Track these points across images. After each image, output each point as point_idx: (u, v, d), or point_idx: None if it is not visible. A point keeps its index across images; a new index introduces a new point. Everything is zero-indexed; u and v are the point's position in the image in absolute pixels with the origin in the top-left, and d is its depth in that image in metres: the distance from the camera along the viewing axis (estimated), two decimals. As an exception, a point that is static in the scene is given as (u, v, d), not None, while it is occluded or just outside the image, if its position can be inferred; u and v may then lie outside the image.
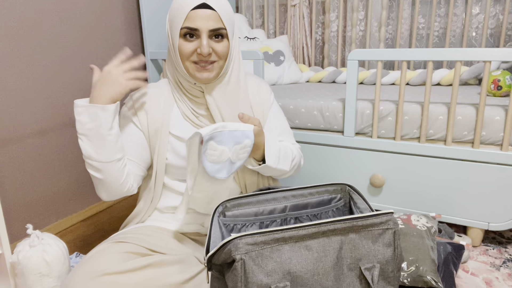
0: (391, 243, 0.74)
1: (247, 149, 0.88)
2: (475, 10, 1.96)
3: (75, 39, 1.61)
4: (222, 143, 0.84)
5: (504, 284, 1.19)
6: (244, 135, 0.87)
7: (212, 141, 0.83)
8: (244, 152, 0.88)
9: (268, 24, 2.46)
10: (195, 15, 0.91)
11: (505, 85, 1.49)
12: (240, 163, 0.88)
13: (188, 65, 0.96)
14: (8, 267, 1.07)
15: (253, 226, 0.87)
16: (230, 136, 0.85)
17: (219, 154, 0.84)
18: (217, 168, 0.85)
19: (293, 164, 1.08)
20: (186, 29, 0.92)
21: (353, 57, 1.41)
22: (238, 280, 0.66)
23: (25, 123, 1.45)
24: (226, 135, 0.84)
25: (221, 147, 0.84)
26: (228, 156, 0.86)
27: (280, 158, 1.01)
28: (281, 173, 1.05)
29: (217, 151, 0.84)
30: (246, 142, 0.87)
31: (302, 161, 1.16)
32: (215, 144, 0.83)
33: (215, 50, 0.94)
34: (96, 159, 0.92)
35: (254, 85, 1.10)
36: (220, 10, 0.93)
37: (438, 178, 1.40)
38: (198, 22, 0.91)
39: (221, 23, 0.93)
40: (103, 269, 0.80)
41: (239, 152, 0.87)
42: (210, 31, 0.92)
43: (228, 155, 0.86)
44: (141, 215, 1.05)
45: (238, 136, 0.86)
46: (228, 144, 0.85)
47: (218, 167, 0.85)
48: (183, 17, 0.92)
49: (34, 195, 1.51)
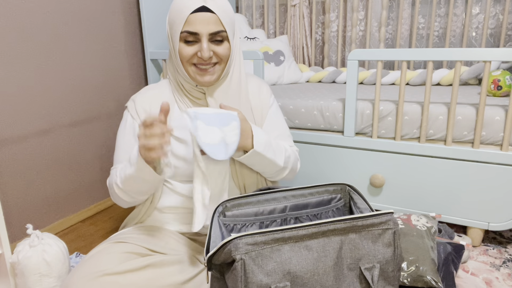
0: (391, 243, 0.74)
1: (236, 131, 0.88)
2: (475, 10, 1.96)
3: (75, 39, 1.61)
4: (210, 124, 0.85)
5: (504, 284, 1.19)
6: (230, 116, 0.87)
7: (200, 121, 0.84)
8: (234, 135, 0.88)
9: (268, 24, 2.46)
10: (195, 18, 0.90)
11: (505, 85, 1.49)
12: (234, 145, 0.87)
13: (189, 68, 0.95)
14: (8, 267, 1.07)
15: (253, 226, 0.87)
16: (217, 118, 0.86)
17: (211, 134, 0.85)
18: (214, 150, 0.85)
19: (288, 161, 1.05)
20: (186, 33, 0.91)
21: (353, 57, 1.41)
22: (238, 280, 0.66)
23: (25, 123, 1.45)
24: (212, 117, 0.85)
25: (210, 127, 0.85)
26: (221, 136, 0.86)
27: (270, 148, 0.99)
28: (274, 167, 1.01)
29: (208, 131, 0.84)
30: (233, 124, 0.87)
31: (299, 164, 1.14)
32: (204, 125, 0.84)
33: (216, 53, 0.94)
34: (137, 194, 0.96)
35: (254, 86, 1.10)
36: (220, 12, 0.92)
37: (438, 178, 1.40)
38: (198, 26, 0.90)
39: (221, 26, 0.92)
40: (103, 269, 0.80)
41: (230, 133, 0.87)
42: (210, 34, 0.91)
43: (220, 134, 0.86)
44: (141, 215, 1.05)
45: (224, 118, 0.87)
46: (216, 124, 0.86)
47: (215, 148, 0.85)
48: (182, 21, 0.91)
49: (34, 195, 1.51)
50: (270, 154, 0.98)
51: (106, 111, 1.79)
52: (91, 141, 1.73)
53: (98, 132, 1.76)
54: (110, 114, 1.82)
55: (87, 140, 1.71)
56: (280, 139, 1.11)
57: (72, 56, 1.61)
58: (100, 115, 1.76)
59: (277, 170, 1.03)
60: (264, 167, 1.01)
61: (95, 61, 1.71)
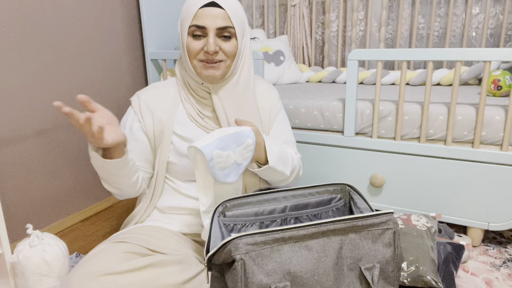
0: (391, 243, 0.74)
1: (250, 148, 0.89)
2: (475, 10, 1.96)
3: (75, 39, 1.61)
4: (226, 148, 0.85)
5: (504, 284, 1.19)
6: (244, 134, 0.88)
7: (217, 150, 0.84)
8: (248, 151, 0.90)
9: (268, 24, 2.46)
10: (204, 13, 0.91)
11: (505, 85, 1.49)
12: (246, 162, 0.90)
13: (196, 63, 0.96)
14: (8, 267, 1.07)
15: (253, 226, 0.87)
16: (231, 138, 0.86)
17: (226, 160, 0.86)
18: (225, 173, 0.87)
19: (293, 170, 1.07)
20: (194, 27, 0.92)
21: (353, 57, 1.41)
22: (238, 280, 0.66)
23: (25, 123, 1.45)
24: (227, 139, 0.85)
25: (225, 152, 0.85)
26: (234, 159, 0.87)
27: (281, 160, 1.01)
28: (282, 177, 1.04)
29: (223, 157, 0.85)
30: (248, 141, 0.89)
31: (301, 171, 1.16)
32: (219, 152, 0.84)
33: (223, 49, 0.94)
34: (114, 184, 0.96)
35: (262, 89, 1.10)
36: (228, 9, 0.93)
37: (438, 178, 1.40)
38: (206, 20, 0.91)
39: (229, 22, 0.93)
40: (103, 269, 0.80)
41: (243, 152, 0.89)
42: (217, 29, 0.92)
43: (234, 158, 0.87)
44: (140, 215, 1.05)
45: (239, 137, 0.87)
46: (231, 147, 0.86)
47: (226, 172, 0.87)
48: (191, 16, 0.92)
49: (34, 195, 1.51)
50: (281, 167, 1.00)
51: (106, 111, 1.79)
52: (91, 141, 1.73)
53: (98, 132, 1.76)
54: (110, 114, 1.82)
55: (87, 139, 1.71)
56: (286, 145, 1.12)
57: (72, 56, 1.61)
58: (100, 115, 1.76)
59: (283, 179, 1.06)
60: (273, 178, 1.03)
61: (95, 61, 1.71)
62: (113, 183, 0.95)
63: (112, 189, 0.98)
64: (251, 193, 0.88)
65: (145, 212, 1.05)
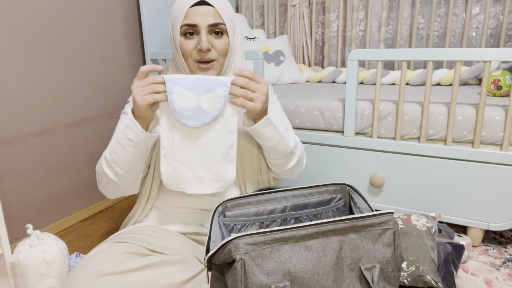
0: (391, 243, 0.74)
1: (220, 99, 0.85)
2: (475, 10, 1.96)
3: (75, 39, 1.61)
4: (191, 89, 0.83)
5: (504, 284, 1.19)
6: (217, 83, 0.84)
7: (179, 86, 0.82)
8: (218, 103, 0.85)
9: (268, 24, 2.46)
10: (194, 12, 0.92)
11: (505, 85, 1.49)
12: (215, 113, 0.85)
13: (191, 64, 0.96)
14: (8, 267, 1.07)
15: (253, 226, 0.87)
16: (201, 83, 0.83)
17: (187, 101, 0.83)
18: (187, 115, 0.84)
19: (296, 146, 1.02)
20: (186, 26, 0.93)
21: (353, 57, 1.41)
22: (238, 280, 0.66)
23: (25, 123, 1.45)
24: (194, 82, 0.83)
25: (190, 93, 0.83)
26: (198, 103, 0.84)
27: (283, 124, 0.95)
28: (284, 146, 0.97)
29: (185, 96, 0.83)
30: (219, 91, 0.84)
31: (305, 161, 1.14)
32: (182, 89, 0.83)
33: (215, 46, 0.95)
34: (123, 167, 0.92)
35: None
36: (218, 6, 0.94)
37: (438, 178, 1.40)
38: (197, 18, 0.92)
39: (220, 19, 0.94)
40: (103, 269, 0.80)
41: (212, 101, 0.85)
42: (209, 26, 0.93)
43: (197, 102, 0.84)
44: (138, 214, 1.05)
45: (211, 85, 0.84)
46: (199, 91, 0.83)
47: (188, 114, 0.84)
48: (182, 15, 0.93)
49: (34, 195, 1.51)
50: (282, 129, 0.96)
51: (106, 111, 1.79)
52: (91, 141, 1.73)
53: (98, 132, 1.76)
54: (110, 114, 1.82)
55: (87, 140, 1.71)
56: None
57: (72, 56, 1.61)
58: (100, 115, 1.76)
59: (286, 154, 1.00)
60: (275, 143, 0.96)
61: (95, 61, 1.71)
62: (124, 166, 0.91)
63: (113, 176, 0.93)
64: (251, 193, 0.88)
65: (142, 212, 1.05)
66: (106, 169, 0.93)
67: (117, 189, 0.98)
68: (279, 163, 1.03)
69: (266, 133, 0.93)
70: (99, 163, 0.98)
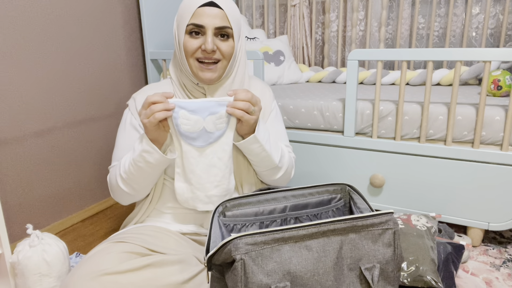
0: (391, 243, 0.74)
1: (223, 119, 0.90)
2: (475, 10, 1.96)
3: (75, 39, 1.61)
4: (196, 113, 0.87)
5: (504, 284, 1.19)
6: (218, 104, 0.88)
7: (184, 110, 0.87)
8: (222, 122, 0.90)
9: (268, 24, 2.46)
10: (202, 12, 0.92)
11: (505, 85, 1.49)
12: (219, 133, 0.91)
13: (192, 62, 0.96)
14: (8, 267, 1.07)
15: (253, 226, 0.87)
16: (203, 106, 0.88)
17: (193, 124, 0.88)
18: (192, 137, 0.90)
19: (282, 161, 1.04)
20: (192, 25, 0.92)
21: (353, 57, 1.41)
22: (238, 280, 0.66)
23: (25, 123, 1.45)
24: (198, 105, 0.87)
25: (194, 116, 0.87)
26: (203, 126, 0.89)
27: (269, 142, 0.98)
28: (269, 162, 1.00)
29: (190, 120, 0.88)
30: (221, 112, 0.89)
31: (293, 172, 1.13)
32: (187, 114, 0.87)
33: (220, 49, 0.94)
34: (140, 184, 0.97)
35: (257, 89, 1.10)
36: (227, 9, 0.93)
37: (438, 178, 1.40)
38: (205, 19, 0.92)
39: (228, 22, 0.93)
40: (103, 269, 0.80)
41: (216, 122, 0.89)
42: (216, 28, 0.92)
43: (203, 124, 0.89)
44: (140, 215, 1.05)
45: (214, 107, 0.88)
46: (203, 114, 0.88)
47: (194, 136, 0.89)
48: (190, 14, 0.92)
49: (34, 195, 1.51)
50: (268, 147, 0.98)
51: (106, 111, 1.79)
52: (91, 141, 1.73)
53: (98, 132, 1.76)
54: (110, 114, 1.82)
55: (87, 140, 1.71)
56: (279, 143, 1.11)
57: (72, 56, 1.61)
58: (100, 115, 1.76)
59: (272, 168, 1.03)
60: (261, 159, 0.99)
61: (95, 61, 1.71)
62: (142, 183, 0.96)
63: (130, 190, 0.98)
64: (251, 193, 0.88)
65: (144, 213, 1.05)
66: (123, 186, 0.98)
67: (132, 199, 1.02)
68: (265, 174, 1.06)
69: (253, 150, 0.97)
70: (112, 176, 1.01)
